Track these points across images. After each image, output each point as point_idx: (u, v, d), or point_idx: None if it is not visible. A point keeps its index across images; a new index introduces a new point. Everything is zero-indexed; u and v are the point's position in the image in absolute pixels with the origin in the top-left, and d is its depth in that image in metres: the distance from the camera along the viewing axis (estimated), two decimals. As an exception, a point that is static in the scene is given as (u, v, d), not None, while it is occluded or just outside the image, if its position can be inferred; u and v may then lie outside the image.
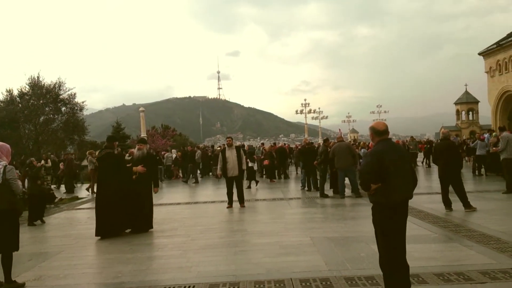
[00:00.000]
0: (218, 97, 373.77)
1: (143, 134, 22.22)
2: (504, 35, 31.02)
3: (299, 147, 22.26)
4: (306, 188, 15.39)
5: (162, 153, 26.24)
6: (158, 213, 11.10)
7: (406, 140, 28.28)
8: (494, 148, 13.61)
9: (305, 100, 51.64)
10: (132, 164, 9.18)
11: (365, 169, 4.28)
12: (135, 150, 9.84)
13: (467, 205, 9.54)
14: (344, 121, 74.18)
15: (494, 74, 31.36)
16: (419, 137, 56.55)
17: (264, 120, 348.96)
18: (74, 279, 5.84)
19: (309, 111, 51.83)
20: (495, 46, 30.83)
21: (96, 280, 5.77)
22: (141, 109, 23.22)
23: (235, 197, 11.86)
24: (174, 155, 24.60)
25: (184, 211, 11.84)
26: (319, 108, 57.92)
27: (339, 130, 79.00)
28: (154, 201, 13.67)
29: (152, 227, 9.02)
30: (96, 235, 8.44)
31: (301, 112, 51.70)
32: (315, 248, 6.79)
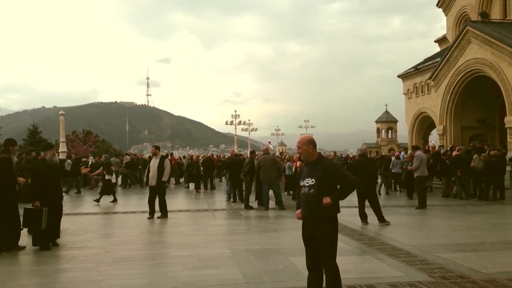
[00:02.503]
0: (147, 104, 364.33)
1: (62, 139, 21.04)
2: (422, 59, 33.42)
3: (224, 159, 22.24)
4: (231, 200, 15.35)
5: (84, 159, 24.90)
6: (72, 224, 10.49)
7: (330, 156, 29.33)
8: (409, 167, 14.38)
9: (235, 111, 52.00)
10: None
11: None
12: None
13: (381, 219, 10.01)
14: (274, 134, 75.48)
15: (411, 96, 33.57)
16: (343, 153, 58.89)
17: (194, 129, 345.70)
18: (-33, 296, 5.28)
19: (239, 123, 52.22)
20: (413, 69, 33.05)
21: (-8, 297, 5.26)
22: (60, 112, 21.97)
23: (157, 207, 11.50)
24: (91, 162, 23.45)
25: (101, 221, 11.28)
26: (249, 120, 58.44)
27: (269, 142, 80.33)
28: (71, 210, 12.99)
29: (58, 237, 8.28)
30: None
31: (231, 123, 51.96)
32: (235, 260, 6.72)
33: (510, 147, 20.14)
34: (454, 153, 16.85)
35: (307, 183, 4.48)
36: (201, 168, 20.43)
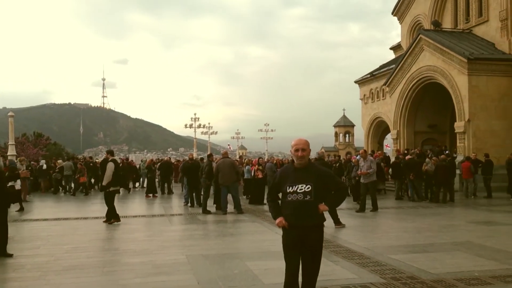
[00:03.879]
0: (102, 106, 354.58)
1: (11, 142, 20.10)
2: (378, 66, 34.43)
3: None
4: (189, 204, 15.15)
5: (33, 163, 23.81)
6: (19, 231, 10.01)
7: (288, 160, 29.60)
8: (364, 171, 14.64)
9: (195, 114, 51.55)
10: None
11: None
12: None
13: (337, 222, 10.16)
14: (234, 138, 75.42)
15: (367, 101, 34.50)
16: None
17: (152, 132, 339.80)
18: None
19: (199, 126, 51.81)
20: (369, 75, 34.00)
21: None
22: (10, 113, 21.03)
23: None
24: (44, 166, 22.41)
25: (52, 227, 10.81)
26: (209, 123, 58.08)
27: (229, 145, 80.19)
28: (18, 217, 12.38)
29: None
30: None
31: (191, 126, 51.46)
32: (190, 266, 6.61)
33: (460, 152, 21.04)
34: (407, 157, 17.41)
35: (301, 189, 4.05)
36: (158, 172, 20.04)
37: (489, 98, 20.58)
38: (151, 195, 18.94)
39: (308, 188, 4.04)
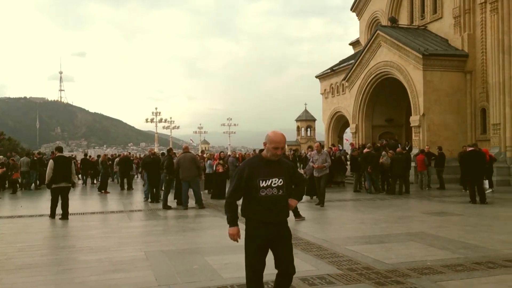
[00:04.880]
0: (60, 100, 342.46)
1: (-40, 137, 19.07)
2: (337, 61, 35.00)
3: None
4: (149, 200, 14.94)
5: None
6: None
7: (251, 154, 29.71)
8: (320, 164, 14.88)
9: (156, 108, 50.84)
10: None
11: None
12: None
13: (297, 214, 10.29)
14: (196, 132, 74.92)
15: (328, 96, 35.07)
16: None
17: (112, 127, 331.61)
18: None
19: (161, 120, 51.06)
20: (329, 71, 34.53)
21: None
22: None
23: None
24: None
25: (4, 226, 10.39)
26: (170, 118, 57.38)
27: (191, 140, 79.47)
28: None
29: None
30: None
31: (152, 120, 50.65)
32: (148, 263, 6.52)
33: (415, 145, 21.76)
34: (365, 150, 17.84)
35: (275, 183, 3.89)
36: (117, 168, 19.61)
37: (443, 93, 21.36)
38: (103, 191, 18.58)
39: (281, 182, 3.91)
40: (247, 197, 3.97)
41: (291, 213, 10.18)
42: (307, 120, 62.88)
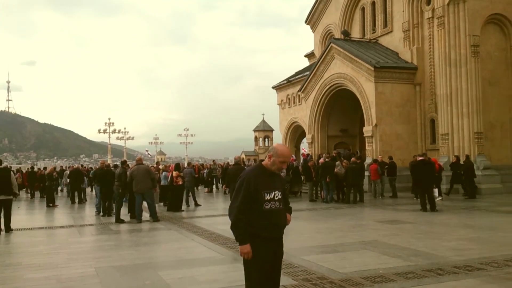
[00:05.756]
0: (7, 110, 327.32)
1: None
2: (293, 72, 35.54)
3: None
4: (101, 214, 14.43)
5: None
6: None
7: (209, 165, 29.50)
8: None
9: (109, 119, 49.49)
10: None
11: None
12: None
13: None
14: (152, 143, 73.61)
15: (285, 106, 35.47)
16: (223, 161, 59.52)
17: (63, 138, 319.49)
18: None
19: (114, 131, 49.75)
20: (285, 82, 34.98)
21: None
22: None
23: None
24: None
25: None
26: (125, 128, 56.06)
27: (146, 151, 77.93)
28: None
29: None
30: None
31: (105, 131, 49.27)
32: (98, 279, 6.26)
33: (368, 155, 22.32)
34: (321, 160, 18.10)
35: (277, 196, 3.73)
36: (68, 181, 18.87)
37: (393, 104, 22.09)
38: (51, 204, 17.83)
39: (280, 195, 3.77)
40: (248, 210, 3.68)
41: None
42: (264, 130, 63.28)
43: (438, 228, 10.44)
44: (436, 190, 16.15)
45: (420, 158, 14.26)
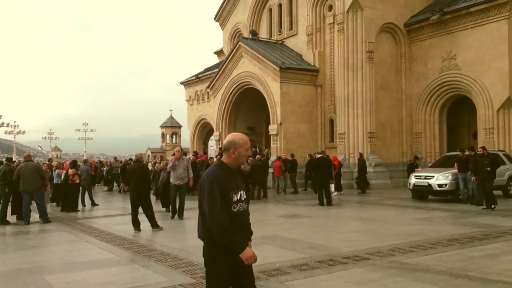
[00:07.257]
0: None
1: None
2: (203, 69, 35.29)
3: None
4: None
5: None
6: None
7: (110, 162, 28.10)
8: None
9: (-3, 111, 45.14)
10: None
11: None
12: None
13: (154, 224, 9.95)
14: (46, 138, 68.58)
15: (193, 103, 35.10)
16: (126, 157, 57.39)
17: None
18: None
19: (2, 124, 45.51)
20: (194, 78, 34.61)
21: None
22: None
23: None
24: None
25: None
26: (14, 122, 51.53)
27: (39, 146, 72.45)
28: None
29: None
30: None
31: (-7, 125, 44.88)
32: (-28, 288, 5.63)
33: (273, 152, 22.91)
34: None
35: (243, 196, 3.34)
36: None
37: (297, 104, 22.93)
38: None
39: (245, 194, 3.37)
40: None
41: (148, 224, 9.85)
42: (172, 126, 62.16)
43: (332, 221, 11.02)
44: (332, 186, 17.05)
45: (319, 155, 14.95)
